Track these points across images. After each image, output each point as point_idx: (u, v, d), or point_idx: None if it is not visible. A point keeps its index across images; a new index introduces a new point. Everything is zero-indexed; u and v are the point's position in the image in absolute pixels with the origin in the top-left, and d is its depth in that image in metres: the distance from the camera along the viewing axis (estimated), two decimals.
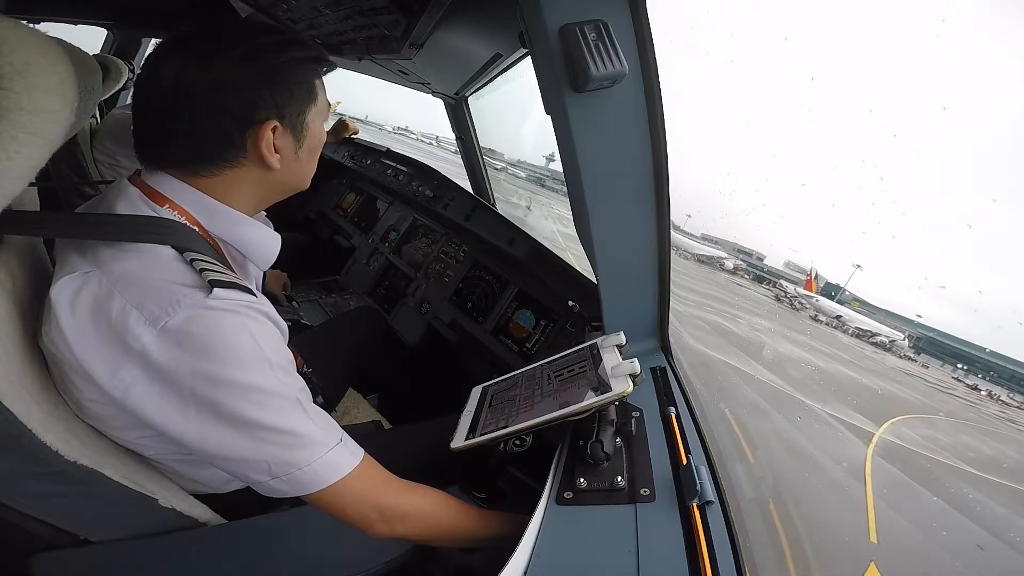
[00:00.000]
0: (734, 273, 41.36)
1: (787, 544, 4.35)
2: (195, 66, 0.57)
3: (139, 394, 0.53)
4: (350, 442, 0.64)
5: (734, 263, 43.90)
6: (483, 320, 1.72)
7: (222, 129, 0.59)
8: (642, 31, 0.75)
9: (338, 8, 1.25)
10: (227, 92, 0.58)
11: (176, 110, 0.58)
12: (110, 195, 0.62)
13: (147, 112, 0.60)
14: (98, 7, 2.23)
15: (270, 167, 0.63)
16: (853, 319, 33.43)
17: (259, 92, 0.60)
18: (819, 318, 31.56)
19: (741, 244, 60.44)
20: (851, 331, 31.55)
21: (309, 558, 0.75)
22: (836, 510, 5.50)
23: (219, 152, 0.61)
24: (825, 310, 33.44)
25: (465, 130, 2.06)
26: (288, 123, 0.63)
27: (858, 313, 37.37)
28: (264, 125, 0.61)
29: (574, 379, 0.82)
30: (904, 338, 34.98)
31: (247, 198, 0.66)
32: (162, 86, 0.57)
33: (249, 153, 0.62)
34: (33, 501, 0.56)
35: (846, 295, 54.69)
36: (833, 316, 32.67)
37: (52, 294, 0.54)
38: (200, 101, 0.57)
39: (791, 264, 66.73)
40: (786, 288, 36.67)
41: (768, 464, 5.99)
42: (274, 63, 0.60)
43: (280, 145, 0.63)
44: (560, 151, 0.83)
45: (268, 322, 0.59)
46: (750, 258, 56.57)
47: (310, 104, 0.66)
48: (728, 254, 46.12)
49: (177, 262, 0.56)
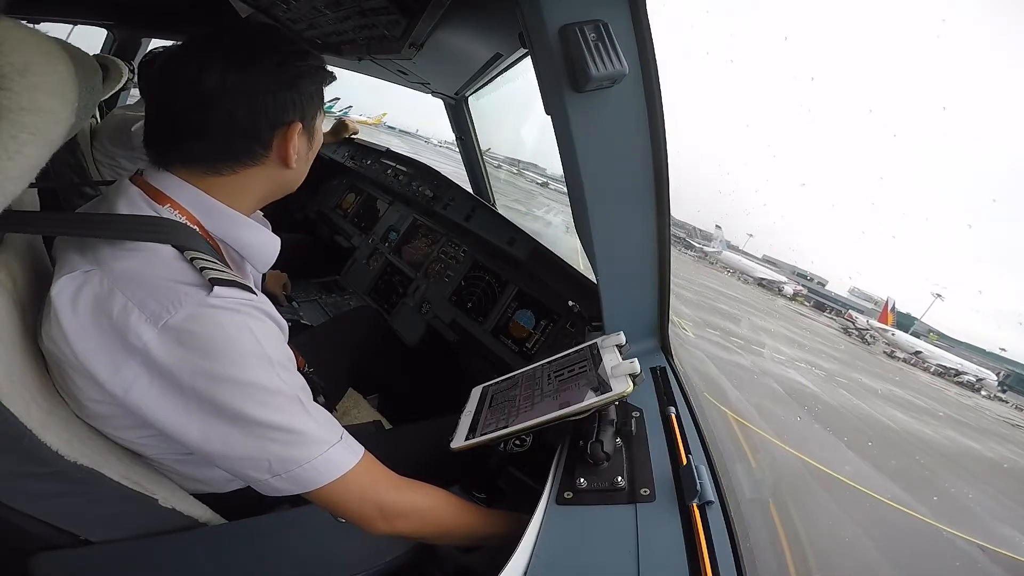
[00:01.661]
0: (793, 299, 36.94)
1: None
2: (236, 70, 0.60)
3: (141, 392, 0.53)
4: (350, 440, 0.64)
5: (794, 288, 38.80)
6: (483, 320, 1.72)
7: (256, 128, 0.63)
8: (642, 31, 0.75)
9: (338, 8, 1.25)
10: (264, 94, 0.61)
11: (216, 109, 0.60)
12: (111, 195, 0.63)
13: (178, 111, 0.61)
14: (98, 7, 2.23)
15: (288, 166, 0.67)
16: (934, 355, 29.39)
17: (289, 95, 0.63)
18: (895, 354, 28.06)
19: (800, 267, 53.52)
20: (932, 369, 27.84)
21: (309, 558, 0.75)
22: None
23: (247, 149, 0.64)
24: (902, 345, 29.62)
25: (465, 130, 2.06)
26: (307, 125, 0.67)
27: (937, 347, 32.79)
28: (292, 126, 0.64)
29: (574, 379, 0.82)
30: (994, 375, 29.94)
31: (254, 196, 0.68)
32: (203, 87, 0.59)
33: (273, 152, 0.65)
34: (33, 501, 0.56)
35: (920, 326, 48.90)
36: (911, 352, 28.99)
37: (53, 293, 0.54)
38: (240, 101, 0.60)
39: (856, 291, 60.89)
40: (856, 319, 32.53)
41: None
42: (300, 70, 0.65)
43: (298, 146, 0.66)
44: (560, 151, 0.83)
45: (269, 320, 0.59)
46: (811, 283, 49.64)
47: (320, 109, 0.70)
48: (787, 278, 40.87)
49: (178, 261, 0.56)
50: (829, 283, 55.38)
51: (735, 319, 16.55)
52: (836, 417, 8.96)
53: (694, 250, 41.03)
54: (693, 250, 41.03)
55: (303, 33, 1.61)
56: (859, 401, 11.12)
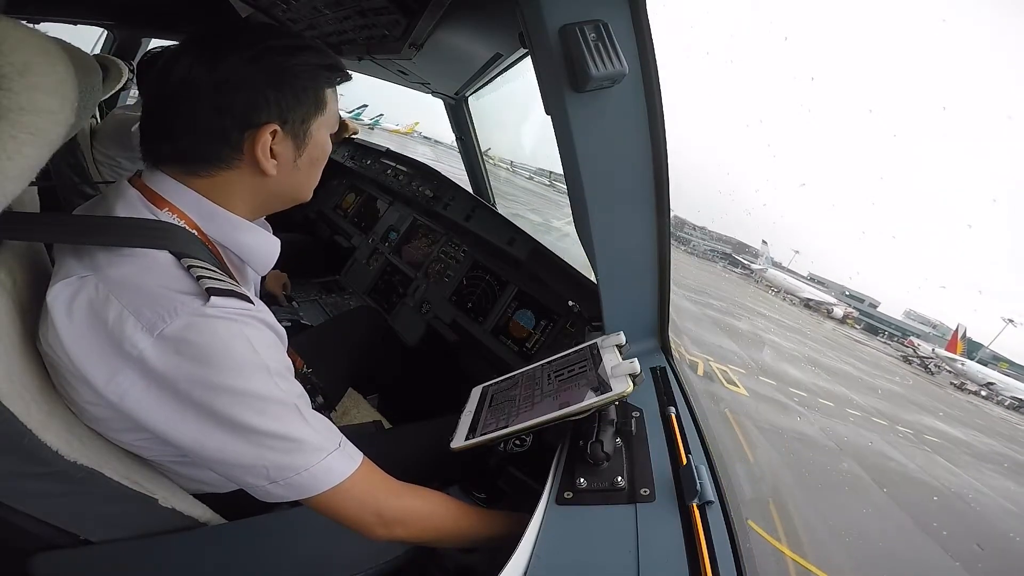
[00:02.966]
0: (842, 322, 33.91)
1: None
2: (203, 64, 0.57)
3: (136, 399, 0.53)
4: (349, 446, 0.64)
5: (844, 310, 35.41)
6: (483, 320, 1.72)
7: (222, 128, 0.59)
8: (642, 31, 0.75)
9: (338, 8, 1.25)
10: (230, 91, 0.58)
11: (179, 106, 0.59)
12: (110, 197, 0.62)
13: (153, 108, 0.61)
14: (98, 7, 2.23)
15: (265, 173, 0.62)
16: (1008, 386, 26.48)
17: (263, 94, 0.59)
18: (965, 386, 25.53)
19: (851, 288, 46.55)
20: (1007, 402, 25.05)
21: (309, 558, 0.75)
22: None
23: (216, 151, 0.60)
24: (973, 376, 26.82)
25: (465, 130, 2.06)
26: (290, 129, 0.62)
27: (1008, 376, 29.69)
28: (263, 128, 0.60)
29: (574, 379, 0.82)
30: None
31: (245, 203, 0.66)
32: (169, 83, 0.58)
33: (246, 156, 0.61)
34: (33, 501, 0.56)
35: (986, 353, 43.25)
36: (983, 383, 26.41)
37: (48, 299, 0.53)
38: (203, 98, 0.58)
39: (912, 314, 54.61)
40: (918, 347, 29.89)
41: None
42: (283, 66, 0.60)
43: (278, 151, 0.63)
44: (560, 151, 0.83)
45: (266, 329, 0.59)
46: (862, 304, 44.32)
47: (317, 112, 0.65)
48: (836, 299, 37.02)
49: (174, 268, 0.55)
50: (881, 304, 48.46)
51: (792, 358, 13.60)
52: (959, 523, 6.00)
53: (740, 267, 37.41)
54: (739, 267, 37.44)
55: (303, 33, 1.61)
56: (969, 476, 8.27)
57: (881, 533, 5.25)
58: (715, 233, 47.23)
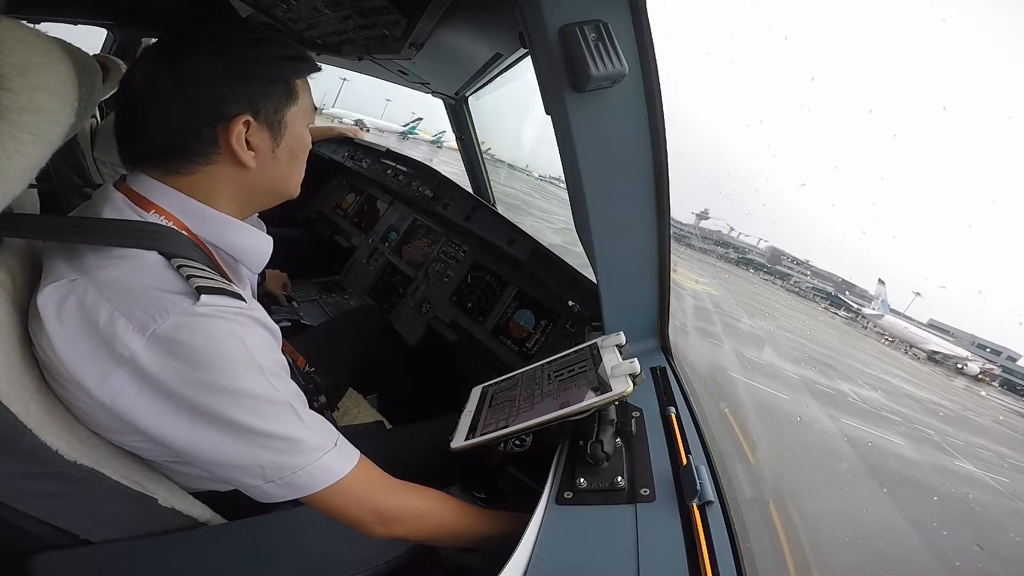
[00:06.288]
0: (977, 380, 24.98)
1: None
2: (164, 64, 0.58)
3: (128, 401, 0.53)
4: (346, 445, 0.64)
5: (980, 366, 26.24)
6: (483, 320, 1.72)
7: (191, 124, 0.59)
8: (642, 31, 0.75)
9: (338, 8, 1.25)
10: (195, 87, 0.58)
11: (147, 107, 0.59)
12: (96, 201, 0.62)
13: (121, 112, 0.61)
14: (98, 7, 2.22)
15: (244, 165, 0.62)
16: None
17: (230, 87, 0.59)
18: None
19: (981, 337, 37.33)
20: None
21: (309, 558, 0.75)
22: None
23: (190, 147, 0.60)
24: None
25: (465, 130, 2.06)
26: (264, 119, 0.62)
27: None
28: (236, 119, 0.60)
29: (574, 379, 0.82)
30: None
31: (230, 199, 0.65)
32: (134, 86, 0.59)
33: (222, 149, 0.61)
34: (33, 501, 0.56)
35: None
36: None
37: (39, 302, 0.53)
38: (168, 97, 0.58)
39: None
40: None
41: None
42: (247, 59, 0.60)
43: (255, 142, 0.62)
44: (560, 151, 0.83)
45: (259, 327, 0.58)
46: (999, 358, 37.20)
47: (289, 103, 0.65)
48: (968, 351, 27.93)
49: (164, 268, 0.55)
50: (1022, 358, 40.83)
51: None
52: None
53: (845, 310, 31.96)
54: (843, 310, 32.01)
55: (303, 33, 1.61)
56: None
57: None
58: (817, 268, 38.85)
